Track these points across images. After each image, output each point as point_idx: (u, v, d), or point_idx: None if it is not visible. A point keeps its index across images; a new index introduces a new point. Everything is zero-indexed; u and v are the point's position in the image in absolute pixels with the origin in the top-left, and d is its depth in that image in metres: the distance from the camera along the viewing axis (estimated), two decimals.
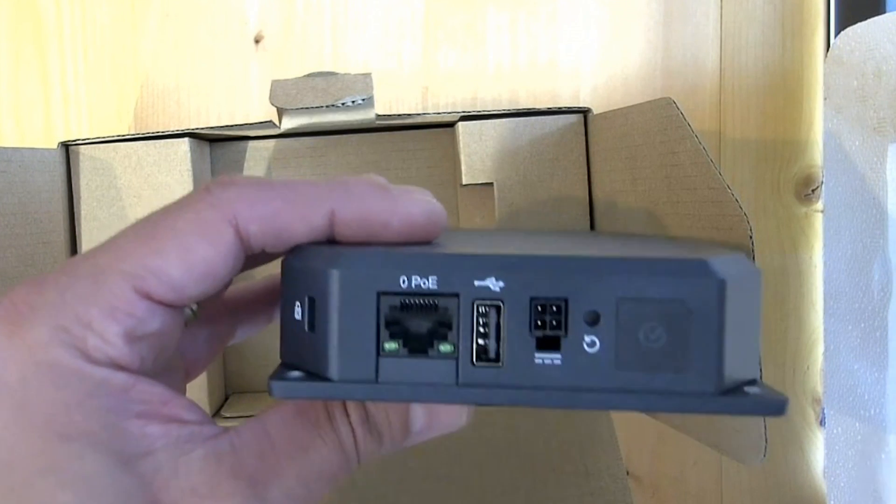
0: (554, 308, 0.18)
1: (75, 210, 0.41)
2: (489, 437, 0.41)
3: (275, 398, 0.19)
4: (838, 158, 0.41)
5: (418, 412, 0.22)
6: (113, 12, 0.47)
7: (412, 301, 0.19)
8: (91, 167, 0.41)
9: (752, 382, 0.20)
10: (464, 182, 0.41)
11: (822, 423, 0.48)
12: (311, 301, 0.20)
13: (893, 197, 0.38)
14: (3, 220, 0.36)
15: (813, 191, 0.47)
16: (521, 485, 0.39)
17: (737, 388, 0.19)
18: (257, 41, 0.47)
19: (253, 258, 0.22)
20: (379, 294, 0.19)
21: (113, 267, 0.19)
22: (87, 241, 0.41)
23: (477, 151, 0.41)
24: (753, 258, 0.27)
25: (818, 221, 0.47)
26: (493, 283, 0.18)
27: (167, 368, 0.22)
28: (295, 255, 0.21)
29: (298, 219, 0.21)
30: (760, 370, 0.21)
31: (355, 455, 0.21)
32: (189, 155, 0.41)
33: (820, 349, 0.47)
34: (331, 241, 0.21)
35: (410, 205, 0.21)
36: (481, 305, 0.19)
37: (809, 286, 0.47)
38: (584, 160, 0.41)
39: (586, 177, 0.41)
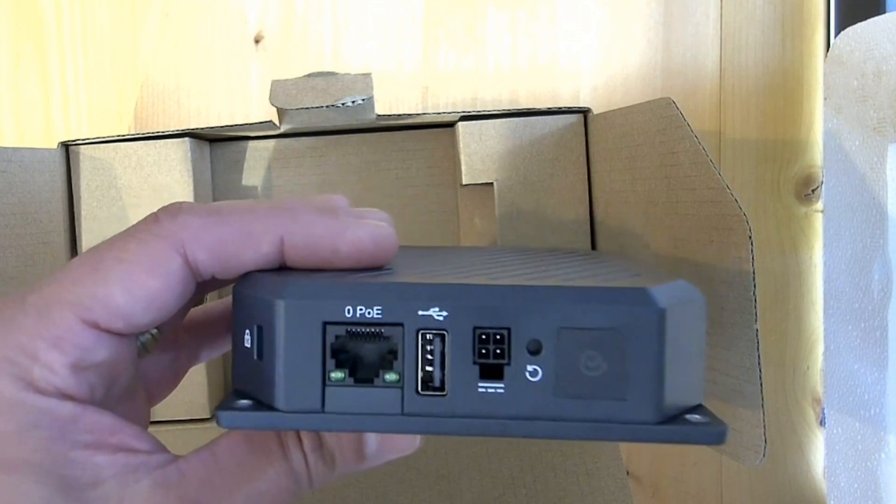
0: (497, 337, 0.19)
1: (75, 210, 0.41)
2: (489, 437, 0.41)
3: (222, 427, 0.20)
4: (838, 158, 0.41)
5: (371, 438, 0.22)
6: (113, 12, 0.47)
7: (357, 330, 0.19)
8: (91, 167, 0.41)
9: (697, 409, 0.20)
10: (464, 182, 0.41)
11: (822, 423, 0.48)
12: (259, 330, 0.20)
13: (893, 197, 0.38)
14: (3, 220, 0.36)
15: (813, 191, 0.47)
16: (521, 485, 0.39)
17: (678, 416, 0.19)
18: (257, 41, 0.47)
19: (205, 285, 0.22)
20: (324, 324, 0.19)
21: (59, 298, 0.19)
22: (86, 241, 0.41)
23: (477, 151, 0.41)
24: (753, 258, 0.27)
25: (818, 221, 0.47)
26: (437, 313, 0.19)
27: (126, 395, 0.22)
28: (244, 283, 0.21)
29: (246, 246, 0.21)
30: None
31: (307, 480, 0.21)
32: (189, 155, 0.41)
33: (820, 349, 0.47)
34: (282, 267, 0.21)
35: (359, 231, 0.21)
36: (426, 334, 0.19)
37: (809, 286, 0.47)
38: (584, 160, 0.41)
39: (586, 177, 0.41)
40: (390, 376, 0.19)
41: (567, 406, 0.18)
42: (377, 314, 0.19)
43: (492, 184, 0.41)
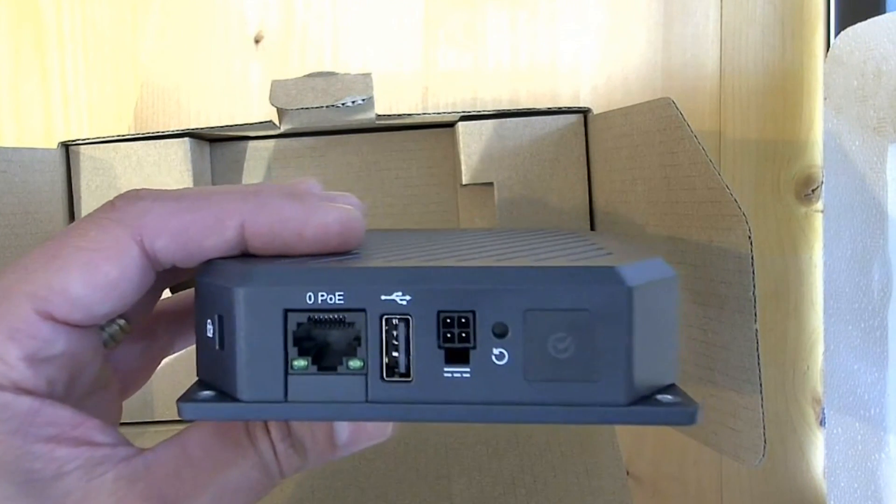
0: (462, 320, 0.18)
1: (75, 210, 0.41)
2: (489, 436, 0.41)
3: (183, 418, 0.19)
4: (838, 158, 0.41)
5: (342, 426, 0.21)
6: (113, 12, 0.47)
7: (319, 317, 0.18)
8: (91, 167, 0.41)
9: (669, 388, 0.19)
10: (464, 182, 0.41)
11: (822, 423, 0.48)
12: (220, 319, 0.19)
13: (893, 197, 0.38)
14: (3, 220, 0.36)
15: (813, 191, 0.47)
16: (521, 485, 0.39)
17: (650, 396, 0.18)
18: (257, 41, 0.47)
19: (167, 274, 0.21)
20: (286, 311, 0.18)
21: (15, 288, 0.19)
22: None
23: (477, 151, 0.41)
24: (752, 258, 0.27)
25: (818, 221, 0.47)
26: (400, 297, 0.18)
27: (94, 388, 0.22)
28: (205, 272, 0.20)
29: (207, 233, 0.20)
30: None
31: (277, 471, 0.21)
32: (189, 155, 0.41)
33: (820, 349, 0.47)
34: (245, 253, 0.21)
35: (323, 215, 0.20)
36: (390, 319, 0.18)
37: (809, 286, 0.47)
38: (584, 160, 0.41)
39: (586, 177, 0.41)
40: (354, 363, 0.18)
41: (535, 389, 0.18)
42: (339, 300, 0.18)
43: (492, 184, 0.41)
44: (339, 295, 0.18)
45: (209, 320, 0.20)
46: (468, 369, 0.18)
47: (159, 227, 0.20)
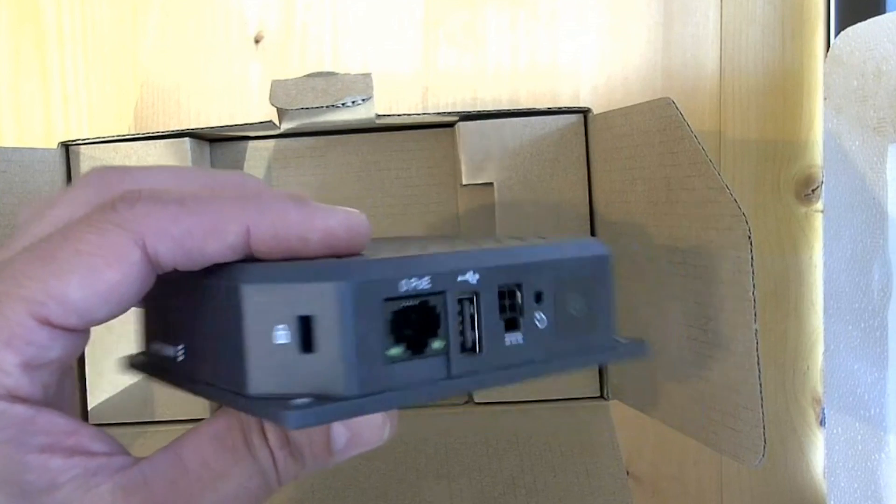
0: (514, 293, 0.21)
1: None
2: (489, 436, 0.41)
3: (291, 430, 0.20)
4: (838, 158, 0.41)
5: (339, 430, 0.21)
6: (113, 12, 0.47)
7: (410, 304, 0.19)
8: (91, 167, 0.41)
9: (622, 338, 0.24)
10: (464, 182, 0.41)
11: (822, 423, 0.48)
12: (305, 320, 0.19)
13: (893, 197, 0.38)
14: (3, 220, 0.36)
15: (813, 191, 0.47)
16: (521, 485, 0.39)
17: (618, 340, 0.23)
18: (257, 41, 0.47)
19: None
20: (384, 300, 0.19)
21: (10, 293, 0.18)
22: None
23: (477, 151, 0.41)
24: (752, 258, 0.27)
25: (818, 221, 0.47)
26: (472, 277, 0.20)
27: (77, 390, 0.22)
28: (250, 278, 0.20)
29: (211, 238, 0.19)
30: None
31: (275, 478, 0.21)
32: (189, 155, 0.41)
33: (820, 349, 0.47)
34: (248, 258, 0.20)
35: (329, 217, 0.20)
36: (462, 299, 0.20)
37: (809, 286, 0.47)
38: (584, 160, 0.41)
39: (586, 177, 0.41)
40: (437, 344, 0.20)
41: (565, 344, 0.22)
42: (427, 285, 0.19)
43: (492, 184, 0.41)
44: (426, 280, 0.19)
45: (279, 326, 0.19)
46: (521, 335, 0.21)
47: (161, 231, 0.19)
